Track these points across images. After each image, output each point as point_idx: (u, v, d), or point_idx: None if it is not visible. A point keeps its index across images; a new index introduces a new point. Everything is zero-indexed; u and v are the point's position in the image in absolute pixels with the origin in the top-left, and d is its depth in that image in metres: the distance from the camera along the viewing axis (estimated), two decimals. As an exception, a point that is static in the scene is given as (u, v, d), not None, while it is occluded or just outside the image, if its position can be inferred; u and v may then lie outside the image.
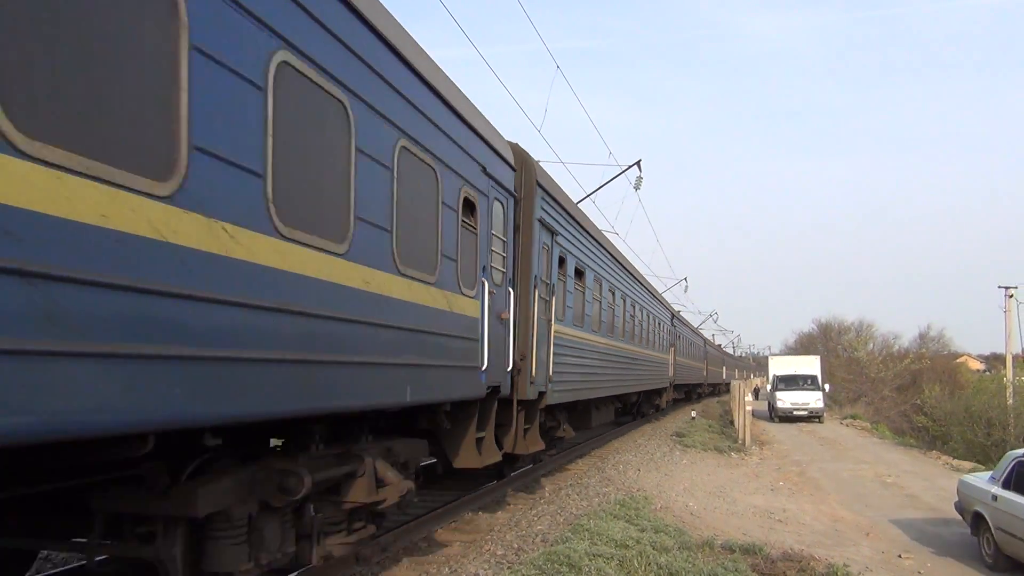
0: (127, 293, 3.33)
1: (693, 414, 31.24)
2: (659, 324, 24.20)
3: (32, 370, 2.90)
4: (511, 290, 9.24)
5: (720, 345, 73.22)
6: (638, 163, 25.47)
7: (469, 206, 7.83)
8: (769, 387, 36.26)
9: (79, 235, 3.10)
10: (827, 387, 36.50)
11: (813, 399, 33.48)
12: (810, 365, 38.26)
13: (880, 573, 9.74)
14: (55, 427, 3.02)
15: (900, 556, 10.85)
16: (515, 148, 9.79)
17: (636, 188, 25.70)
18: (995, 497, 10.39)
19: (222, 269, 3.93)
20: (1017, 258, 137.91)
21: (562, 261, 11.69)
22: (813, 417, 33.44)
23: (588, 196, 26.29)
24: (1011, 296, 41.11)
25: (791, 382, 34.63)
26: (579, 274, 12.82)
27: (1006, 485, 10.29)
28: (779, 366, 38.82)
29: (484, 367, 8.07)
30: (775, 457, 21.29)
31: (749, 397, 24.83)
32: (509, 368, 9.11)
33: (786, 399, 33.35)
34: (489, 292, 8.28)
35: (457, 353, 7.37)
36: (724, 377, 62.42)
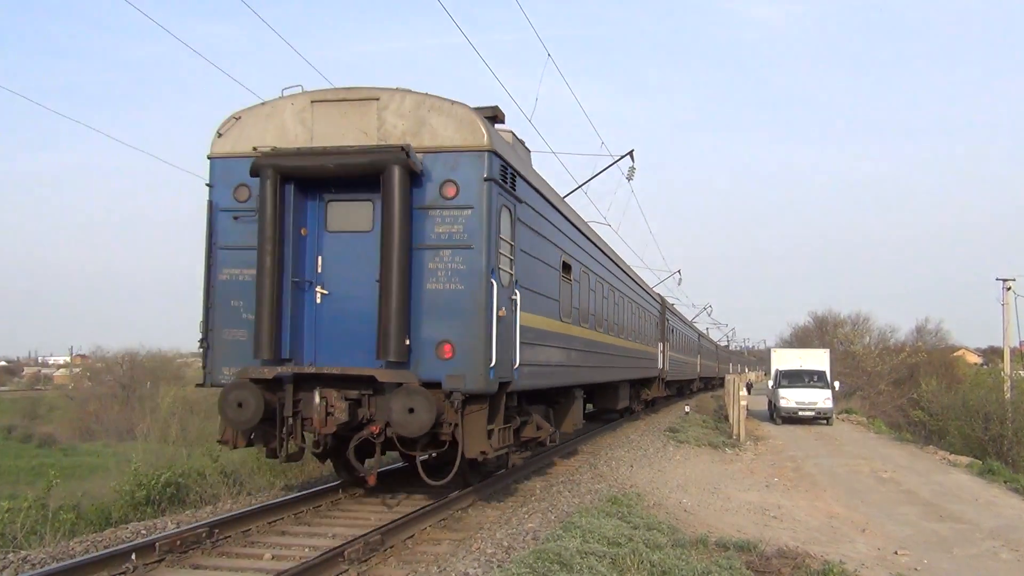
0: (555, 345, 12.13)
1: (687, 409, 31.34)
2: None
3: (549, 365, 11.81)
4: None
5: (716, 340, 73.59)
6: (631, 153, 25.48)
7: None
8: (771, 383, 32.93)
9: (590, 343, 14.65)
10: (837, 384, 32.61)
11: (821, 398, 30.31)
12: (818, 359, 34.66)
13: (876, 570, 9.81)
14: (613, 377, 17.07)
15: (896, 553, 10.92)
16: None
17: (629, 179, 25.71)
18: None
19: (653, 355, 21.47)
20: (1016, 250, 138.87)
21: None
22: (821, 418, 30.42)
23: (580, 187, 26.28)
24: (1009, 289, 41.36)
25: (796, 378, 31.64)
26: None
27: None
28: (782, 360, 34.86)
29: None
30: (770, 453, 21.40)
31: (744, 392, 24.83)
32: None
33: (791, 397, 30.37)
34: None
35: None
36: (718, 371, 62.85)
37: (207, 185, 9.56)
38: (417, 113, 9.14)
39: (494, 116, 9.81)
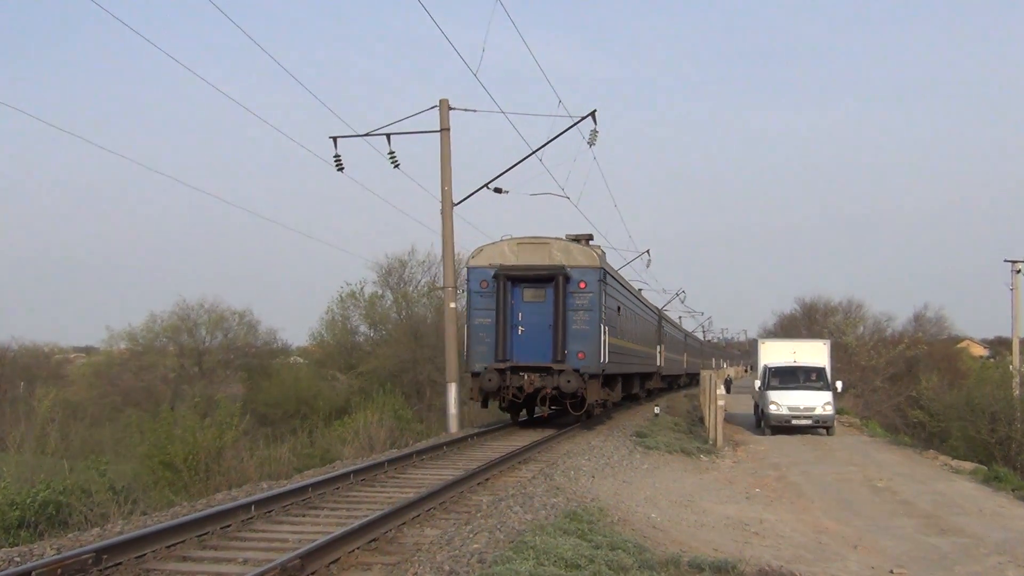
0: (616, 351, 25.04)
1: (657, 410, 31.59)
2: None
3: (621, 360, 26.41)
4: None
5: (690, 331, 75.34)
6: (592, 114, 25.56)
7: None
8: (757, 383, 30.97)
9: (633, 353, 29.54)
10: (839, 384, 30.52)
11: (821, 402, 28.27)
12: (816, 353, 32.05)
13: (869, 591, 10.02)
14: (633, 370, 30.70)
15: (892, 572, 11.18)
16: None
17: (590, 144, 25.81)
18: None
19: (652, 355, 36.64)
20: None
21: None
22: (819, 427, 28.54)
23: (534, 153, 26.39)
24: (1019, 271, 42.44)
25: (789, 377, 29.58)
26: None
27: None
28: (772, 353, 32.44)
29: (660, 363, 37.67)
30: (751, 459, 21.75)
31: (721, 390, 25.09)
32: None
33: (782, 401, 28.34)
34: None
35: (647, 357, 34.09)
36: (702, 367, 66.85)
37: (466, 280, 23.27)
38: (567, 249, 22.43)
39: (590, 236, 24.34)
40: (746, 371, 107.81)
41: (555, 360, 21.84)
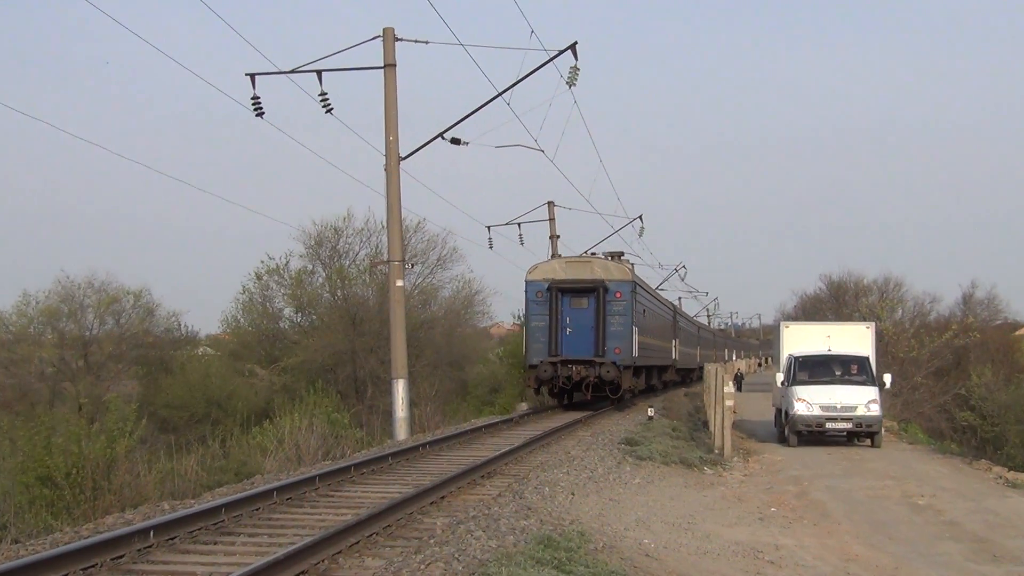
0: (642, 346, 37.39)
1: (650, 412, 31.74)
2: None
3: (649, 355, 41.14)
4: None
5: (691, 315, 76.34)
6: (572, 48, 25.55)
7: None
8: (779, 378, 29.39)
9: (655, 348, 42.43)
10: (888, 378, 28.80)
11: (864, 400, 26.72)
12: (857, 338, 30.62)
13: (907, 631, 10.13)
14: (654, 363, 43.74)
15: (935, 607, 11.29)
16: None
17: (570, 84, 25.83)
18: None
19: (668, 349, 49.53)
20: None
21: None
22: (861, 432, 27.30)
23: (500, 95, 26.31)
24: (1090, 243, 42.86)
25: (822, 369, 28.40)
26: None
27: None
28: (799, 339, 31.02)
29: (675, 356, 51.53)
30: (765, 472, 21.87)
31: (730, 387, 25.08)
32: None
33: (813, 399, 26.74)
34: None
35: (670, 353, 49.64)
36: (715, 359, 70.30)
37: (524, 291, 34.03)
38: (606, 266, 34.22)
39: (621, 253, 38.43)
40: (760, 364, 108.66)
41: (596, 354, 32.76)
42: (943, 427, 46.14)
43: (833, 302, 77.06)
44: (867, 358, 28.85)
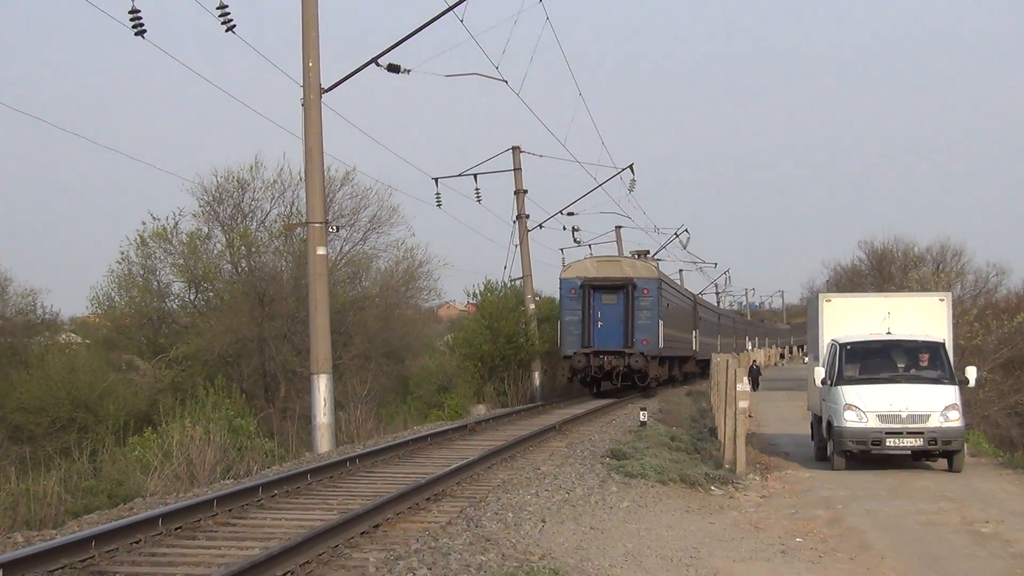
0: (666, 337, 53.54)
1: (643, 416, 31.47)
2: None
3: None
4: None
5: (701, 292, 79.53)
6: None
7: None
8: (818, 373, 27.13)
9: (677, 339, 59.40)
10: (972, 373, 26.44)
11: (939, 404, 24.67)
12: (929, 315, 28.52)
13: None
14: (676, 354, 60.96)
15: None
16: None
17: (542, -4, 25.69)
18: None
19: (689, 340, 66.99)
20: None
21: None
22: (936, 452, 25.32)
23: (451, 9, 26.20)
24: None
25: (879, 360, 26.63)
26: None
27: None
28: (843, 318, 28.96)
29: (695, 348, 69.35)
30: (788, 492, 21.92)
31: (744, 385, 24.71)
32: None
33: (867, 406, 24.65)
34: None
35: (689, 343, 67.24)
36: (736, 347, 75.59)
37: (559, 288, 49.25)
38: (634, 265, 50.19)
39: (647, 251, 59.65)
40: (782, 355, 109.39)
41: (626, 345, 45.12)
42: (1013, 435, 46.33)
43: (875, 276, 77.22)
44: (942, 344, 26.72)
